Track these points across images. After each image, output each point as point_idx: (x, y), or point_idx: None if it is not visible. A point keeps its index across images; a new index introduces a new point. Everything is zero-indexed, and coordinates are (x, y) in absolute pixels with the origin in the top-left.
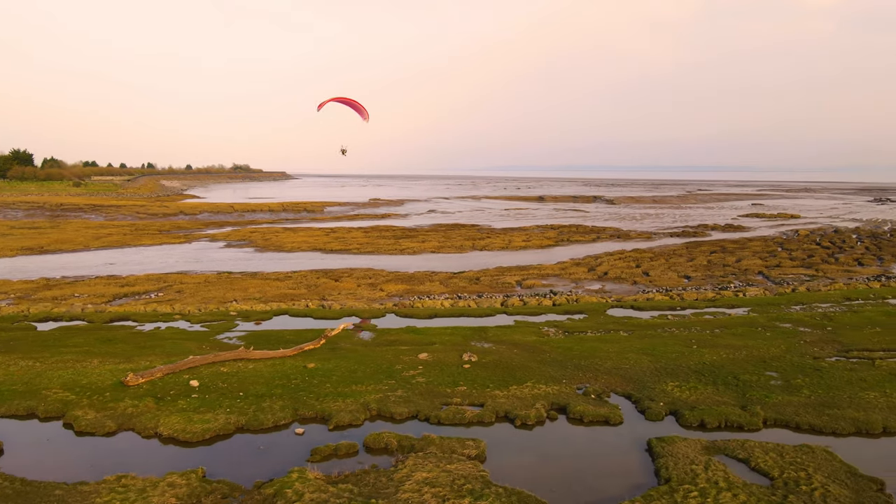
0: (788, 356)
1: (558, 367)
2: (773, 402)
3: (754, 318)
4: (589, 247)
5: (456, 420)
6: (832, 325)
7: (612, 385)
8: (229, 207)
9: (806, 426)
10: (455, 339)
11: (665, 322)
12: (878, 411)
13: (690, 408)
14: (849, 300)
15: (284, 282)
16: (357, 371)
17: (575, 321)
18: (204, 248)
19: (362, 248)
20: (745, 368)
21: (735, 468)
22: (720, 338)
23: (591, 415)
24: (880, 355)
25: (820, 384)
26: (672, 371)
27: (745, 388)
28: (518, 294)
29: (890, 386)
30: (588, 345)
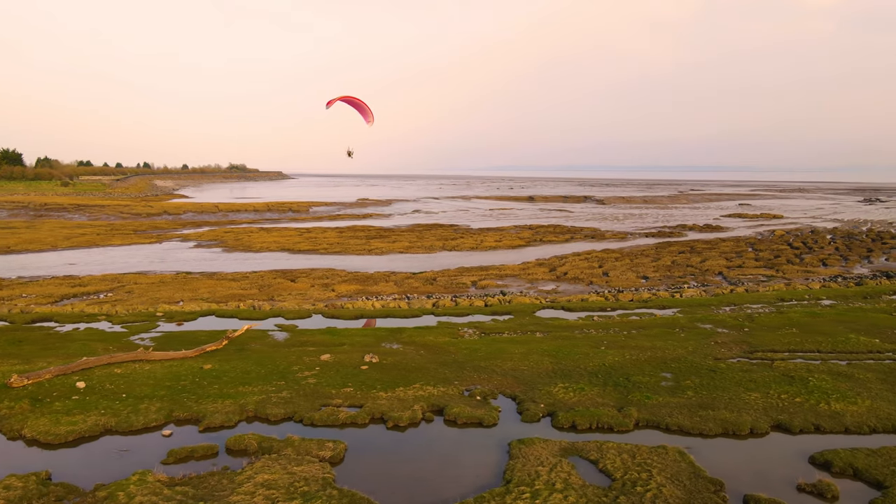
0: (691, 357)
1: (456, 369)
2: (652, 404)
3: (677, 320)
4: (560, 247)
5: (329, 422)
6: (751, 327)
7: (502, 386)
8: (214, 207)
9: (675, 427)
10: (367, 340)
11: (587, 323)
12: (751, 412)
13: (568, 409)
14: (782, 301)
15: (239, 282)
16: (251, 372)
17: (498, 322)
18: (173, 248)
19: (331, 248)
20: (642, 370)
21: (582, 469)
22: (633, 339)
23: (467, 416)
24: (782, 356)
25: (708, 385)
26: (568, 373)
27: (632, 390)
28: (469, 294)
29: (776, 387)
30: (497, 346)
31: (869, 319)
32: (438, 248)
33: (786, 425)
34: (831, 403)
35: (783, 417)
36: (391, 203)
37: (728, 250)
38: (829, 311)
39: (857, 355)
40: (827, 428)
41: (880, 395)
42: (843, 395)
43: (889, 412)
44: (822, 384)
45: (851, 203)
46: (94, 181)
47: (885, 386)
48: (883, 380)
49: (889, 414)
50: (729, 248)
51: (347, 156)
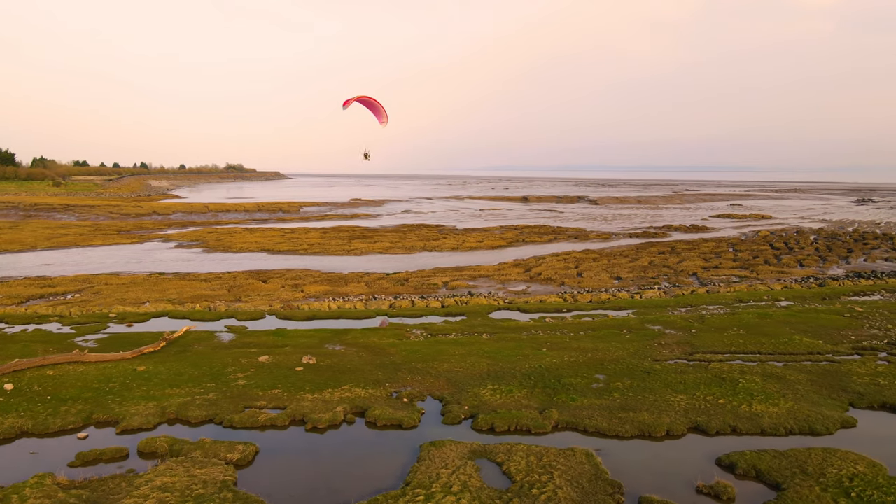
0: (630, 359)
1: (392, 370)
2: (575, 406)
3: (628, 321)
4: (541, 248)
5: (248, 424)
6: (699, 328)
7: (433, 388)
8: (204, 207)
9: (593, 429)
10: (312, 341)
11: (538, 325)
12: (672, 414)
13: (490, 411)
14: (740, 302)
15: (210, 283)
16: (184, 374)
17: (450, 323)
18: (153, 248)
19: (311, 249)
20: (577, 372)
21: (486, 472)
22: (578, 341)
23: (387, 418)
24: (721, 358)
25: (638, 387)
26: (502, 374)
27: (560, 392)
28: (438, 295)
29: (704, 389)
30: (438, 347)
31: (819, 321)
32: (419, 249)
33: (703, 427)
34: (753, 405)
35: (702, 419)
36: (383, 203)
37: (708, 251)
38: (782, 312)
39: (796, 357)
40: (743, 430)
41: (805, 397)
42: (767, 396)
43: (808, 414)
44: (751, 386)
45: (844, 203)
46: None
47: (813, 388)
48: (813, 381)
49: (808, 416)
50: (710, 248)
51: (364, 158)
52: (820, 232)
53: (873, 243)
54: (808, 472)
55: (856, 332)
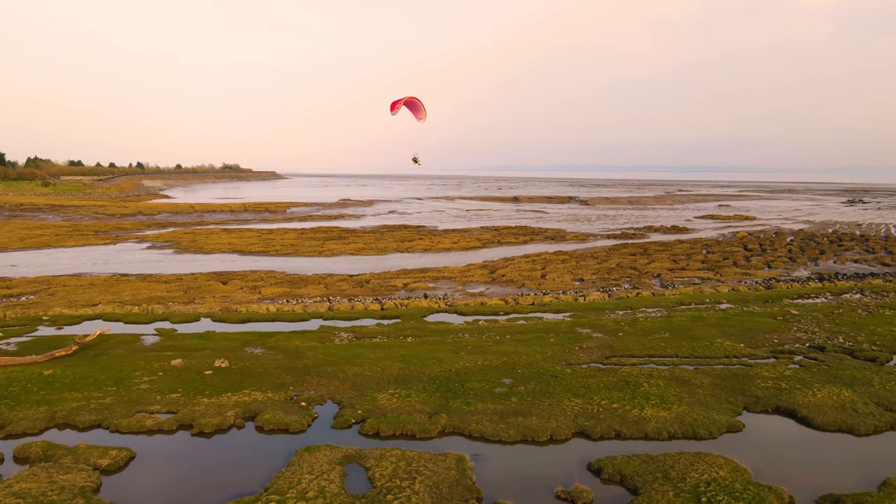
0: (543, 363)
1: (301, 374)
2: (468, 411)
3: (560, 324)
4: (515, 249)
5: (134, 428)
6: (627, 331)
7: (336, 392)
8: (189, 208)
9: (477, 434)
10: (234, 344)
11: (468, 328)
12: (562, 418)
13: (381, 416)
14: (681, 304)
15: (170, 284)
16: (89, 378)
17: (382, 326)
18: (125, 249)
19: (283, 250)
20: (486, 376)
21: (351, 477)
22: (500, 344)
23: (275, 423)
24: (634, 362)
25: (539, 391)
26: (408, 378)
27: (459, 396)
28: (394, 297)
29: (604, 393)
30: (356, 351)
31: (749, 324)
32: (392, 250)
33: (588, 432)
34: (645, 410)
35: (589, 424)
36: (372, 203)
37: (680, 252)
38: (717, 315)
39: (710, 360)
40: (627, 434)
41: (701, 402)
42: (663, 401)
43: (695, 418)
44: (652, 390)
45: (833, 204)
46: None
47: (713, 392)
48: (717, 385)
49: (694, 420)
50: (682, 250)
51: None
52: (799, 233)
53: (848, 245)
54: (669, 476)
55: (781, 335)
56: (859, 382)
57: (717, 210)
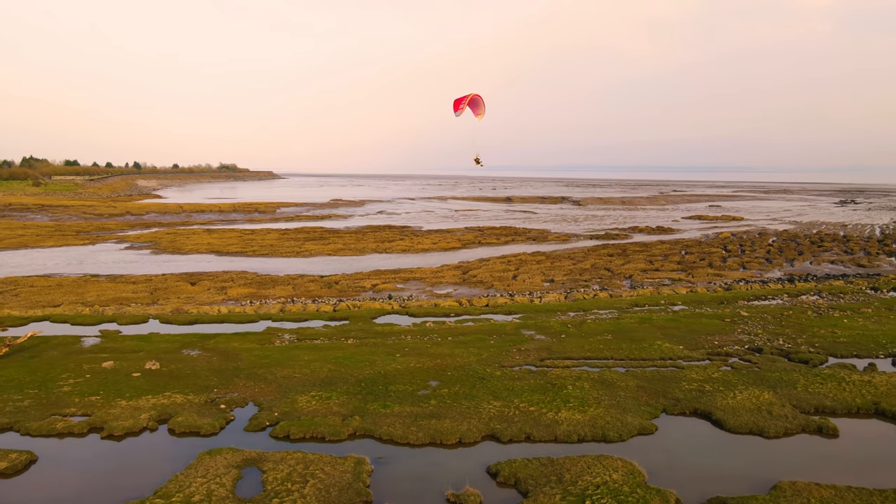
0: (476, 365)
1: (229, 376)
2: (383, 413)
3: (506, 326)
4: (495, 249)
5: (44, 431)
6: (571, 333)
7: (260, 394)
8: (178, 208)
9: (387, 437)
10: (172, 346)
11: (414, 329)
12: (475, 421)
13: (295, 419)
14: (635, 306)
15: (137, 285)
16: (13, 381)
17: (329, 328)
18: (103, 249)
19: (260, 250)
20: (414, 378)
21: (246, 481)
22: (439, 346)
23: (187, 426)
24: (568, 364)
25: (462, 394)
26: (335, 381)
27: (379, 399)
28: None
29: (526, 396)
30: (291, 353)
31: (696, 326)
32: (370, 251)
33: (499, 434)
34: (560, 413)
35: (501, 427)
36: (363, 204)
37: (658, 253)
38: (665, 317)
39: (644, 362)
40: (537, 437)
41: (619, 404)
42: (582, 403)
43: (608, 421)
44: (574, 392)
45: (825, 205)
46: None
47: (635, 394)
48: (641, 387)
49: (607, 423)
50: (661, 251)
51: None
52: (783, 234)
53: (828, 245)
54: (563, 480)
55: (724, 337)
56: (784, 385)
57: (707, 211)
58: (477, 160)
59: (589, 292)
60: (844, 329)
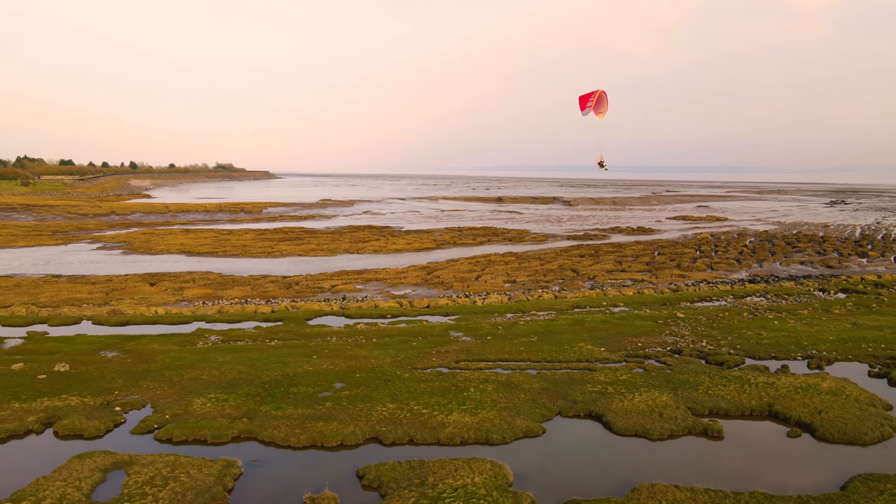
0: (389, 367)
1: (136, 378)
2: (274, 415)
3: (435, 327)
4: (469, 250)
5: None
6: (499, 334)
7: (160, 396)
8: (164, 208)
9: (269, 440)
10: (91, 347)
11: (343, 331)
12: (363, 424)
13: (184, 421)
14: (577, 308)
15: (96, 286)
16: None
17: (261, 329)
18: (74, 250)
19: (232, 251)
20: (321, 380)
21: (107, 484)
22: (360, 348)
23: (72, 428)
24: (481, 366)
25: (362, 396)
26: (240, 382)
27: (278, 400)
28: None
29: (426, 398)
30: (208, 355)
31: (626, 328)
32: (343, 251)
33: (382, 437)
34: (451, 415)
35: (387, 429)
36: (353, 204)
37: (630, 254)
38: (599, 318)
39: (558, 364)
40: (419, 440)
41: (514, 407)
42: (477, 405)
43: (495, 424)
44: (474, 395)
45: (815, 205)
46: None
47: (535, 396)
48: (545, 389)
49: (493, 426)
50: (634, 251)
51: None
52: (763, 234)
53: (801, 246)
54: (426, 483)
55: (650, 338)
56: (687, 387)
57: (694, 211)
58: (601, 163)
59: (546, 293)
60: (771, 331)
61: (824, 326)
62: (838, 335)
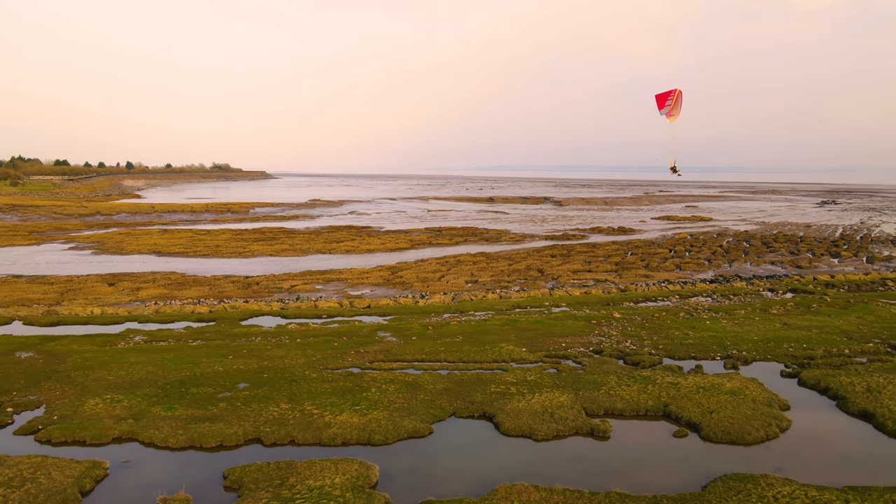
0: (300, 367)
1: (39, 379)
2: (161, 416)
3: (363, 327)
4: (442, 250)
5: None
6: (427, 334)
7: (58, 397)
8: (150, 208)
9: (149, 440)
10: (8, 348)
11: (271, 331)
12: (247, 425)
13: (69, 422)
14: (516, 308)
15: (53, 286)
16: None
17: (191, 329)
18: (45, 250)
19: (203, 251)
20: (226, 380)
21: None
22: (278, 348)
23: None
24: (394, 367)
25: (260, 396)
26: (143, 383)
27: (172, 401)
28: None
29: (324, 398)
30: (123, 355)
31: (556, 328)
32: (315, 252)
33: (263, 438)
34: (341, 416)
35: (270, 430)
36: (342, 204)
37: (602, 254)
38: (532, 319)
39: (471, 364)
40: (301, 441)
41: (406, 407)
42: (371, 406)
43: (382, 425)
44: (375, 396)
45: (806, 205)
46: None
47: (433, 397)
48: (446, 389)
49: (379, 427)
50: (607, 251)
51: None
52: (742, 234)
53: (777, 246)
54: (285, 484)
55: (576, 339)
56: (591, 387)
57: (680, 211)
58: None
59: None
60: (700, 331)
61: (755, 326)
62: (764, 335)
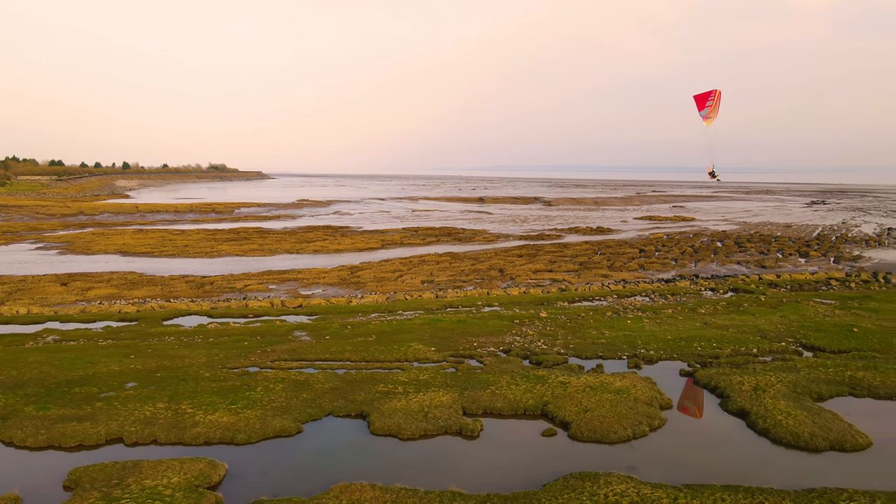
0: (197, 367)
1: None
2: (33, 416)
3: (281, 326)
4: (410, 250)
5: None
6: (344, 333)
7: None
8: (134, 208)
9: (8, 440)
10: None
11: (188, 331)
12: (113, 424)
13: None
14: (448, 307)
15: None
16: None
17: (110, 328)
18: (11, 250)
19: (171, 251)
20: (113, 380)
21: None
22: (187, 348)
23: None
24: (291, 366)
25: (140, 396)
26: (28, 382)
27: (51, 400)
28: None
29: (202, 397)
30: (22, 355)
31: (476, 327)
32: (283, 251)
33: (125, 437)
34: (213, 415)
35: (135, 429)
36: (330, 204)
37: (570, 254)
38: (455, 318)
39: (371, 363)
40: (163, 440)
41: (282, 406)
42: (248, 405)
43: (249, 424)
44: (258, 395)
45: (794, 205)
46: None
47: (318, 395)
48: (334, 388)
49: (246, 426)
50: (576, 251)
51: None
52: (719, 234)
53: (748, 246)
54: (122, 483)
55: (490, 338)
56: (480, 386)
57: (665, 211)
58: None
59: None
60: (618, 330)
61: (674, 326)
62: (679, 335)
